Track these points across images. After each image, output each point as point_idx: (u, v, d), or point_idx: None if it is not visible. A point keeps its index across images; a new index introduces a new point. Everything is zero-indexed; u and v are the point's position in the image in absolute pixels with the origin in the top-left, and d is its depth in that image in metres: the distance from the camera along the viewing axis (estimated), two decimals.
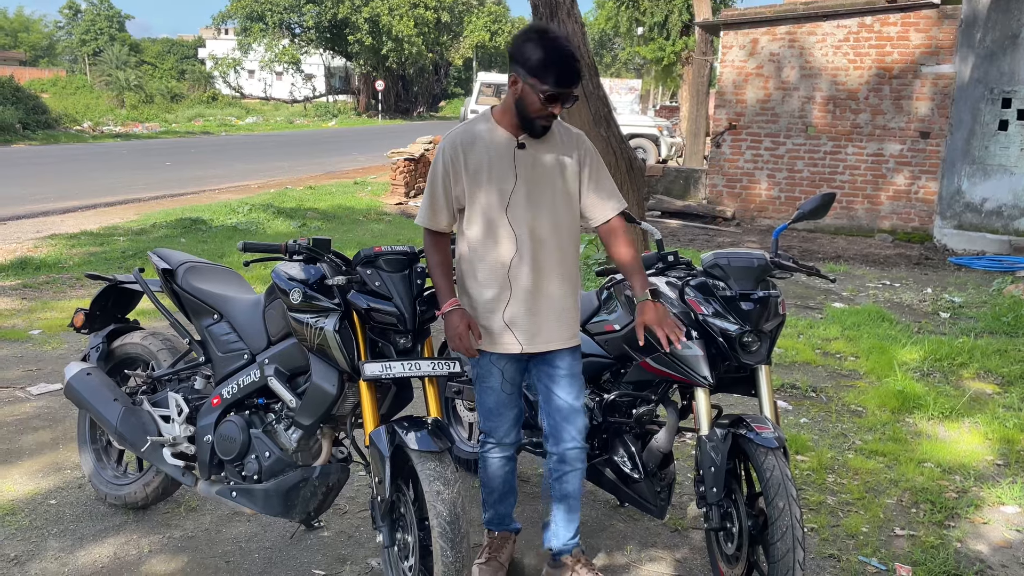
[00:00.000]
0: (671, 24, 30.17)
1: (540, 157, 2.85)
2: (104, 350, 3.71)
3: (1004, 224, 11.52)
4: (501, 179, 2.82)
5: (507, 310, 2.88)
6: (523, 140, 2.84)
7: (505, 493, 3.17)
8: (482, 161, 2.83)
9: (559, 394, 2.99)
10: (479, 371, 3.00)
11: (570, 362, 2.98)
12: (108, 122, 36.11)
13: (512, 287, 2.87)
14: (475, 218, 2.86)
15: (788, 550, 2.70)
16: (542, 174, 2.85)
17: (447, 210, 2.90)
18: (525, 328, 2.89)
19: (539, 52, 2.67)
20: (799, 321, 7.18)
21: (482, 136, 2.86)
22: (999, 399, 5.40)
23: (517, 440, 3.11)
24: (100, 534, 3.48)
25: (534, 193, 2.84)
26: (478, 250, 2.88)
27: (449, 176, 2.85)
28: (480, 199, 2.84)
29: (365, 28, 48.85)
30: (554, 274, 2.90)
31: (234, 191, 15.61)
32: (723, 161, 13.38)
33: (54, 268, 8.40)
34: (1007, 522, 3.84)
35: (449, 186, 2.86)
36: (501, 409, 3.01)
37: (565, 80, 2.68)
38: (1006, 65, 11.26)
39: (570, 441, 3.02)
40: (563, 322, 2.94)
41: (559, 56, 2.68)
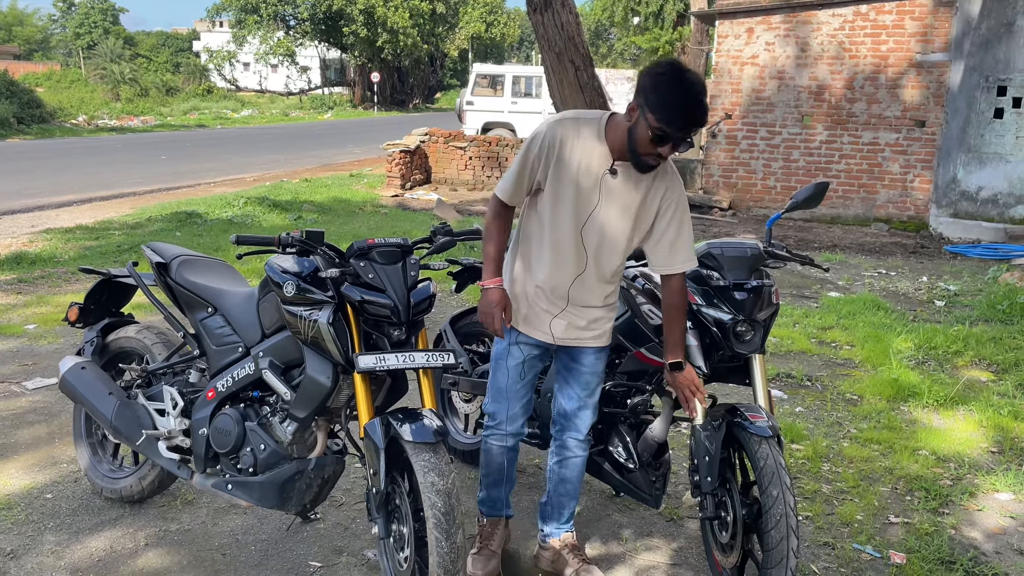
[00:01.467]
0: (666, 14, 30.13)
1: (627, 189, 2.78)
2: (99, 344, 3.70)
3: (1000, 212, 11.53)
4: (585, 197, 2.78)
5: (556, 316, 2.93)
6: (617, 167, 2.76)
7: (500, 480, 3.18)
8: (574, 167, 2.76)
9: (575, 388, 3.05)
10: (500, 348, 3.03)
11: (593, 361, 3.02)
12: (103, 116, 36.01)
13: (569, 300, 2.91)
14: (550, 215, 2.84)
15: (782, 538, 2.71)
16: (624, 206, 2.80)
17: (525, 189, 2.88)
18: (564, 328, 2.95)
19: (668, 91, 2.56)
20: (795, 310, 7.19)
21: (584, 140, 2.76)
22: (994, 387, 5.42)
23: (520, 432, 3.12)
24: (96, 528, 3.48)
25: (610, 221, 2.81)
26: (546, 247, 2.87)
27: (540, 161, 2.79)
28: (560, 205, 2.81)
29: (360, 20, 48.65)
30: (600, 294, 2.94)
31: (230, 184, 15.58)
32: (719, 151, 13.38)
33: (49, 263, 8.38)
34: (1001, 509, 3.86)
35: (537, 167, 2.81)
36: (511, 393, 3.04)
37: (685, 125, 2.57)
38: (1001, 53, 11.25)
39: (574, 431, 3.10)
40: (600, 327, 2.99)
41: (687, 100, 2.55)
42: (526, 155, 2.82)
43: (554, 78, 7.29)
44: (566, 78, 7.17)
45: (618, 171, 2.76)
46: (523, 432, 3.13)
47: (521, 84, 22.22)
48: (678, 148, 2.64)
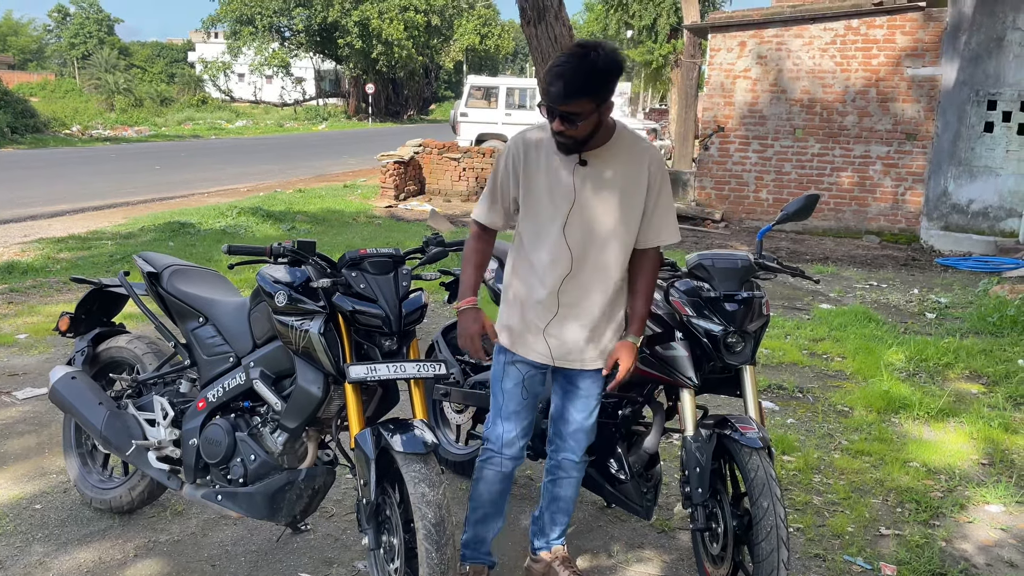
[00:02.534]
0: (660, 27, 30.27)
1: (603, 175, 2.73)
2: (89, 354, 3.69)
3: (990, 225, 11.59)
4: (561, 196, 2.73)
5: (550, 325, 2.83)
6: (587, 157, 2.71)
7: (491, 514, 3.05)
8: (542, 171, 2.75)
9: (572, 410, 2.98)
10: (498, 369, 2.95)
11: (590, 384, 2.93)
12: (97, 126, 35.96)
13: (560, 305, 2.81)
14: (531, 227, 2.81)
15: (772, 550, 2.71)
16: (604, 193, 2.74)
17: (503, 210, 2.86)
18: (560, 343, 2.85)
19: (550, 63, 2.61)
20: (786, 322, 7.21)
21: (547, 144, 2.74)
22: (984, 399, 5.43)
23: (519, 457, 2.99)
24: (85, 538, 3.46)
25: (594, 213, 2.74)
26: (531, 257, 2.83)
27: (509, 176, 2.80)
28: (537, 211, 2.78)
29: (355, 31, 48.78)
30: (601, 294, 2.82)
31: (223, 194, 15.57)
32: (711, 163, 13.42)
33: (40, 272, 8.36)
34: (992, 521, 3.86)
35: (507, 187, 2.81)
36: (512, 415, 2.93)
37: (549, 92, 2.56)
38: (991, 67, 11.34)
39: (570, 452, 3.04)
40: (595, 344, 2.87)
41: (556, 66, 2.56)
42: (495, 175, 2.84)
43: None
44: None
45: (588, 160, 2.72)
46: (522, 457, 3.01)
47: (515, 96, 22.28)
48: (568, 121, 2.57)
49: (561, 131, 2.61)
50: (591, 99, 2.55)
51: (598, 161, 2.73)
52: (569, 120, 2.57)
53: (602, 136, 2.71)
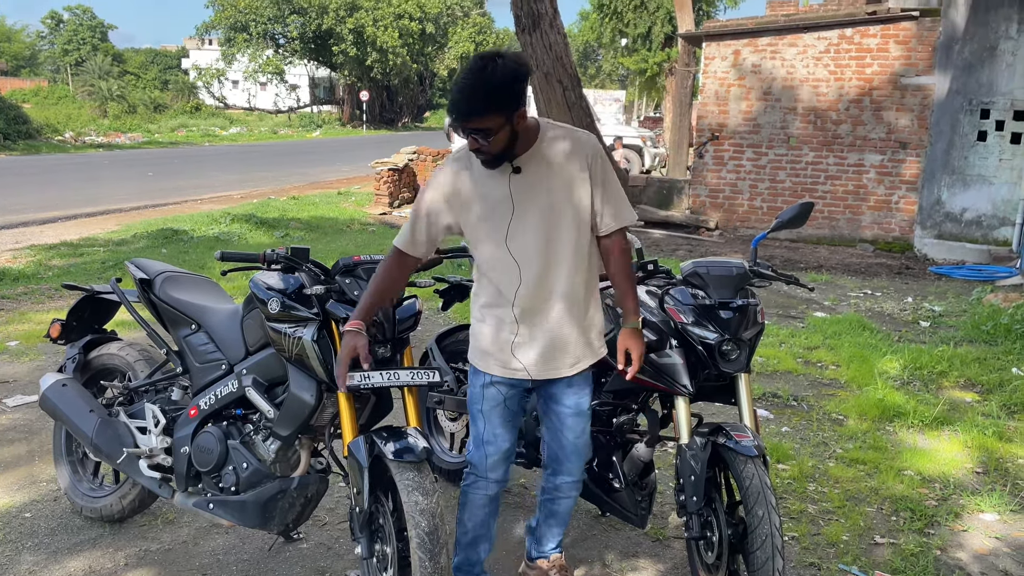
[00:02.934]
0: (654, 36, 30.38)
1: (540, 178, 2.65)
2: (81, 361, 3.67)
3: (984, 234, 11.63)
4: (499, 209, 2.66)
5: (516, 339, 2.75)
6: (519, 163, 2.64)
7: (480, 536, 2.97)
8: (477, 190, 2.68)
9: (563, 433, 2.90)
10: (474, 393, 2.86)
11: (576, 401, 2.86)
12: (90, 132, 35.92)
13: (517, 317, 2.73)
14: (478, 246, 2.75)
15: (767, 559, 2.70)
16: (544, 197, 2.66)
17: (427, 238, 2.75)
18: (529, 355, 2.76)
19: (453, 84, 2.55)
20: (781, 330, 7.21)
21: (477, 164, 2.67)
22: (978, 407, 5.43)
23: (504, 480, 2.92)
24: (75, 547, 3.43)
25: (536, 218, 2.66)
26: (486, 275, 2.77)
27: (439, 203, 2.71)
28: (480, 229, 2.71)
29: (350, 39, 48.83)
30: (561, 299, 2.73)
31: (217, 201, 15.55)
32: (706, 171, 13.45)
33: (32, 279, 8.32)
34: (986, 530, 3.86)
35: (436, 214, 2.72)
36: (493, 438, 2.84)
37: (454, 113, 2.51)
38: (984, 77, 11.39)
39: (568, 475, 2.98)
40: (568, 351, 2.79)
41: (458, 83, 2.51)
42: (420, 203, 2.75)
43: (542, 97, 7.33)
44: (554, 98, 7.21)
45: (522, 167, 2.64)
46: (507, 479, 2.94)
47: None
48: (477, 138, 2.51)
49: (477, 148, 2.55)
50: (497, 113, 2.48)
51: (531, 164, 2.65)
52: (482, 135, 2.50)
53: (528, 139, 2.63)
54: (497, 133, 2.50)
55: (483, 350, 2.82)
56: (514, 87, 2.50)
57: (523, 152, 2.64)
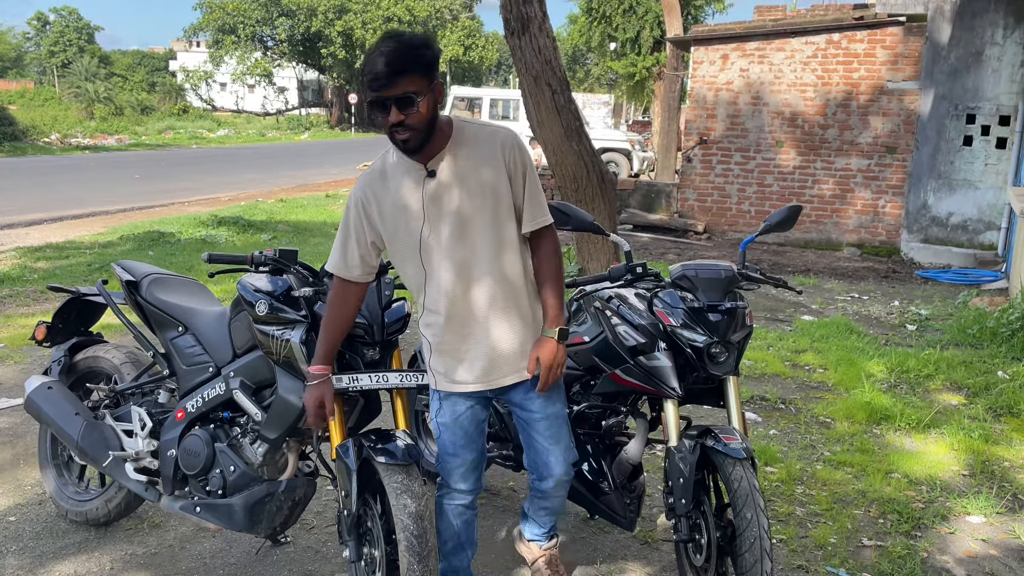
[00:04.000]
0: (643, 40, 30.42)
1: (455, 181, 2.54)
2: (66, 364, 3.65)
3: (969, 238, 11.70)
4: (411, 217, 2.56)
5: (460, 350, 2.66)
6: (432, 166, 2.53)
7: (461, 545, 2.90)
8: (393, 199, 2.57)
9: (539, 439, 2.81)
10: (434, 407, 2.77)
11: (543, 404, 2.76)
12: (77, 134, 35.73)
13: (456, 327, 2.63)
14: (398, 261, 2.67)
15: (756, 561, 2.70)
16: (459, 199, 2.54)
17: (359, 258, 2.63)
18: (472, 367, 2.66)
19: (362, 63, 2.42)
20: (769, 333, 7.23)
21: (391, 171, 2.58)
22: (965, 410, 5.46)
23: (476, 488, 2.84)
24: (61, 552, 3.41)
25: (452, 225, 2.55)
26: (413, 291, 2.69)
27: (361, 220, 2.60)
28: (397, 241, 2.61)
29: (338, 41, 48.80)
30: (494, 306, 2.62)
31: (204, 204, 15.48)
32: (694, 175, 13.48)
33: (17, 281, 8.26)
34: (973, 532, 3.87)
35: (362, 232, 2.61)
36: (457, 450, 2.76)
37: (379, 80, 2.36)
38: (970, 82, 11.46)
39: (551, 479, 2.91)
40: (514, 353, 2.69)
41: (368, 57, 2.40)
42: (345, 222, 2.65)
43: (531, 101, 7.33)
44: (543, 101, 7.21)
45: (435, 169, 2.53)
46: (479, 487, 2.86)
47: (499, 107, 22.35)
48: (403, 109, 2.37)
49: (400, 121, 2.39)
50: (421, 75, 2.38)
51: (445, 166, 2.54)
52: (406, 103, 2.37)
53: (441, 137, 2.52)
54: (421, 100, 2.39)
55: (429, 367, 2.74)
56: (430, 51, 2.40)
57: (437, 151, 2.53)
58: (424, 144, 2.47)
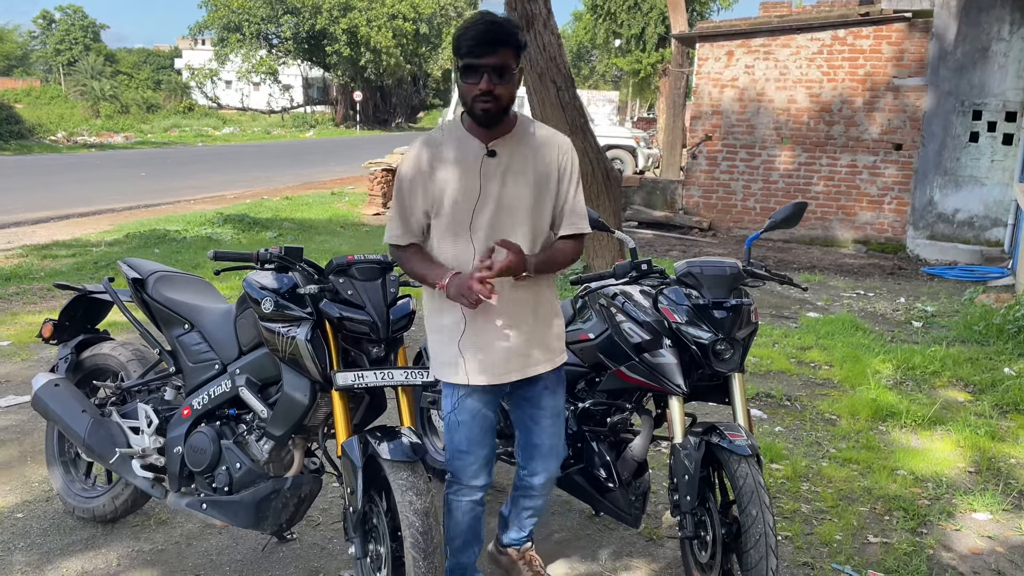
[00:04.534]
0: (648, 36, 30.40)
1: (512, 166, 2.61)
2: (73, 361, 3.66)
3: (976, 234, 11.67)
4: (466, 192, 2.59)
5: (464, 339, 2.67)
6: (494, 147, 2.60)
7: (469, 541, 2.92)
8: (448, 172, 2.61)
9: (540, 435, 2.88)
10: (447, 404, 2.79)
11: (551, 401, 2.84)
12: (83, 132, 35.82)
13: (484, 316, 2.63)
14: (438, 234, 2.67)
15: (761, 558, 2.70)
16: (512, 184, 2.62)
17: (416, 226, 2.69)
18: (491, 357, 2.68)
19: (459, 29, 2.52)
20: (774, 330, 7.22)
21: (451, 145, 2.63)
22: (971, 407, 5.45)
23: (487, 484, 2.86)
24: (68, 548, 3.42)
25: (502, 206, 2.61)
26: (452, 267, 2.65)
27: (417, 188, 2.64)
28: (444, 214, 2.63)
29: (343, 39, 48.75)
30: (521, 296, 2.68)
31: (209, 202, 15.51)
32: (699, 172, 13.47)
33: (24, 279, 8.29)
34: (979, 529, 3.87)
35: (416, 201, 2.65)
36: (472, 447, 2.77)
37: (479, 46, 2.45)
38: (976, 78, 11.43)
39: (543, 475, 2.96)
40: (534, 346, 2.73)
41: (472, 22, 2.49)
42: (399, 193, 2.69)
43: (536, 98, 7.32)
44: (548, 98, 7.20)
45: (496, 151, 2.61)
46: (490, 482, 2.88)
47: None
48: (496, 78, 2.48)
49: (489, 91, 2.48)
50: (514, 50, 2.51)
51: (506, 149, 2.63)
52: (500, 72, 2.48)
53: (508, 123, 2.63)
54: (511, 74, 2.51)
55: (445, 361, 2.74)
56: (523, 37, 2.55)
57: (502, 135, 2.62)
58: (500, 120, 2.58)
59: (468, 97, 2.54)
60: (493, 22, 2.48)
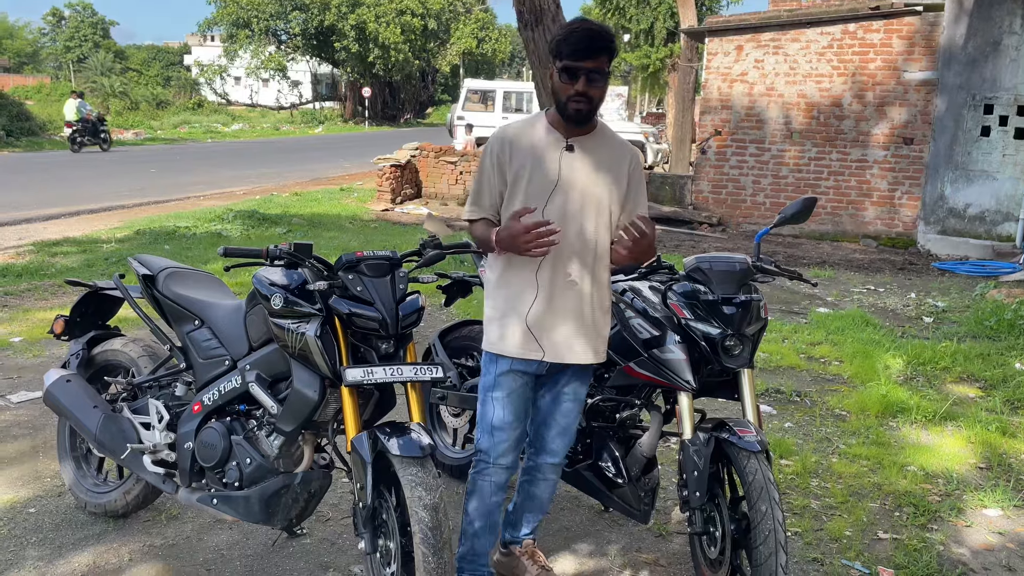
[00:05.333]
0: (656, 31, 30.33)
1: (587, 161, 2.78)
2: (84, 357, 3.67)
3: (987, 229, 11.61)
4: (544, 178, 2.75)
5: (531, 312, 2.78)
6: (573, 142, 2.77)
7: (488, 527, 2.97)
8: (527, 158, 2.76)
9: (557, 416, 2.96)
10: (488, 380, 2.88)
11: (577, 387, 2.94)
12: None
13: (539, 288, 2.77)
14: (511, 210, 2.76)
15: (771, 554, 2.70)
16: (587, 179, 2.77)
17: (491, 205, 2.83)
18: (548, 335, 2.79)
19: (565, 32, 2.69)
20: (784, 326, 7.20)
21: (532, 134, 2.80)
22: (981, 403, 5.43)
23: (513, 466, 2.93)
24: (80, 543, 3.44)
25: (574, 197, 2.77)
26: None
27: (495, 170, 2.79)
28: (519, 196, 2.76)
29: (352, 35, 48.76)
30: (583, 285, 2.80)
31: (219, 198, 15.55)
32: (709, 167, 13.43)
33: (35, 275, 8.33)
34: (989, 525, 3.86)
35: (494, 182, 2.80)
36: (505, 425, 2.86)
37: (580, 51, 2.62)
38: (988, 71, 11.36)
39: (552, 456, 3.02)
40: (586, 336, 2.83)
41: (574, 28, 2.67)
42: (480, 171, 2.85)
43: (544, 93, 7.31)
44: None
45: (575, 146, 2.77)
46: (516, 466, 2.96)
47: (512, 99, 22.33)
48: (593, 81, 2.65)
49: (584, 92, 2.65)
50: (608, 58, 2.69)
51: (585, 146, 2.79)
52: (594, 79, 2.65)
53: (591, 123, 2.79)
54: (605, 80, 2.69)
55: (497, 322, 2.84)
56: (616, 45, 2.77)
57: (582, 133, 2.79)
58: (589, 120, 2.76)
59: (563, 96, 2.69)
60: (594, 29, 2.68)
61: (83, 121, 25.31)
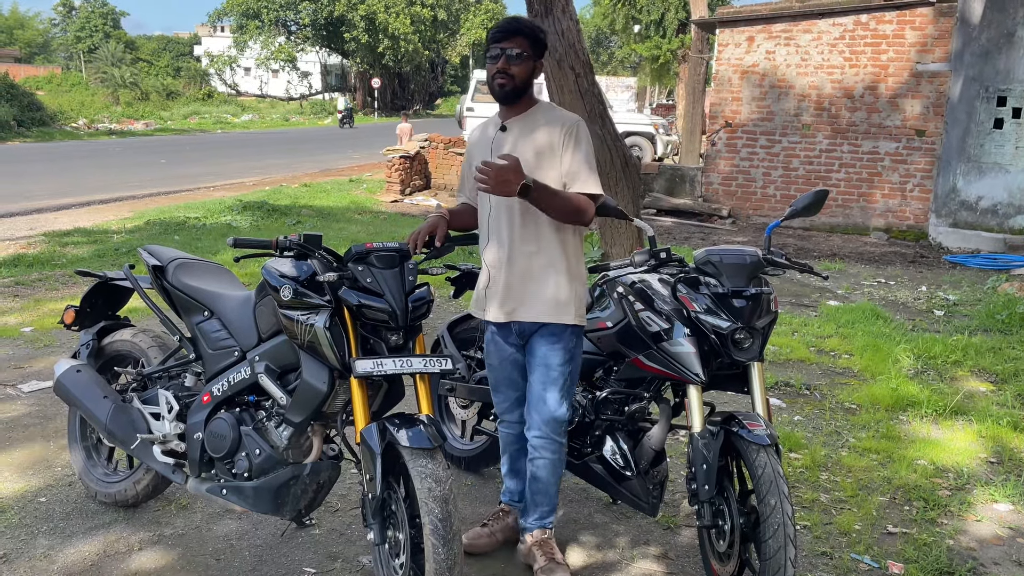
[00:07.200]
0: (667, 22, 30.20)
1: (518, 139, 3.02)
2: (94, 347, 3.69)
3: (999, 222, 11.54)
4: (479, 160, 2.96)
5: (493, 278, 3.07)
6: (507, 124, 3.06)
7: (513, 471, 3.33)
8: (476, 144, 3.17)
9: (534, 384, 3.10)
10: (486, 345, 3.24)
11: (546, 352, 3.05)
12: (103, 119, 36.06)
13: (496, 256, 3.06)
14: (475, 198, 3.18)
15: (779, 547, 2.69)
16: (516, 154, 2.90)
17: (468, 190, 3.24)
18: (503, 293, 3.04)
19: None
20: (794, 319, 7.18)
21: (486, 123, 3.18)
22: (992, 397, 5.40)
23: (520, 421, 3.21)
24: (89, 532, 3.46)
25: None
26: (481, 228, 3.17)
27: (468, 158, 3.21)
28: (468, 178, 3.18)
29: (361, 26, 48.75)
30: (528, 243, 3.00)
31: (229, 189, 15.58)
32: (719, 159, 13.38)
33: (46, 265, 8.37)
34: (1000, 520, 3.84)
35: (467, 170, 3.22)
36: (498, 386, 3.22)
37: (498, 34, 2.95)
38: (1001, 63, 11.27)
39: (535, 429, 3.10)
40: (541, 292, 3.01)
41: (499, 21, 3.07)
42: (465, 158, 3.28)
43: (554, 84, 7.28)
44: (566, 84, 7.16)
45: (508, 127, 3.05)
46: (522, 422, 3.19)
47: None
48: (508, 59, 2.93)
49: (504, 69, 2.94)
50: (529, 44, 2.96)
51: (517, 126, 3.05)
52: (511, 57, 2.93)
53: (525, 105, 3.04)
54: (525, 61, 2.96)
55: (477, 292, 3.20)
56: (541, 33, 3.03)
57: (518, 114, 3.05)
58: (513, 98, 3.02)
59: (489, 76, 3.01)
60: (512, 17, 3.11)
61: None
